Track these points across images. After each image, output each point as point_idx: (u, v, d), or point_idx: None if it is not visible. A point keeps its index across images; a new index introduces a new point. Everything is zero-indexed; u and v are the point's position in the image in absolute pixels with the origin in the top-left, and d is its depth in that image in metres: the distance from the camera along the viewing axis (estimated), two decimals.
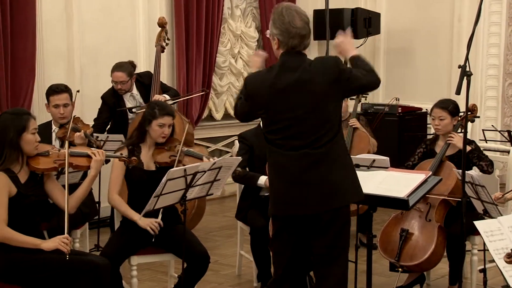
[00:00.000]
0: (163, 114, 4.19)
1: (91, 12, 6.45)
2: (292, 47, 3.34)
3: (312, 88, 3.29)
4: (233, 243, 5.64)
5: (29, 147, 3.59)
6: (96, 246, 5.47)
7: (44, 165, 3.64)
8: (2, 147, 3.53)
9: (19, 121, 3.56)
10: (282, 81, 3.33)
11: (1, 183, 3.47)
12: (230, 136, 7.78)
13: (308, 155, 3.29)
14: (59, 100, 4.85)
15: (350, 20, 8.09)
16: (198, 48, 7.18)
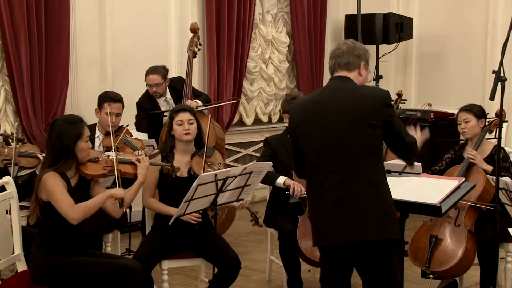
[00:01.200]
0: (177, 112, 4.22)
1: (124, 18, 6.53)
2: (331, 71, 3.40)
3: (352, 108, 3.26)
4: (263, 249, 5.64)
5: (82, 154, 3.66)
6: (127, 250, 5.52)
7: (94, 172, 3.71)
8: (57, 153, 3.59)
9: (75, 129, 3.62)
10: (322, 99, 3.35)
11: (56, 178, 3.54)
12: (260, 141, 7.76)
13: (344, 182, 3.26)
14: (113, 108, 4.93)
15: (382, 25, 8.04)
16: (229, 54, 7.21)
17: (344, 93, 3.32)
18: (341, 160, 3.27)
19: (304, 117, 3.39)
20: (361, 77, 3.40)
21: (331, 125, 3.29)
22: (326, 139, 3.30)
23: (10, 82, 5.78)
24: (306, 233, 4.41)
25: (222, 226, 5.77)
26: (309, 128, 3.37)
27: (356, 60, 3.38)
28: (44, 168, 3.61)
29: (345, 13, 8.30)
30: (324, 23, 8.25)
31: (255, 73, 7.77)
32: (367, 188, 3.26)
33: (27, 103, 5.81)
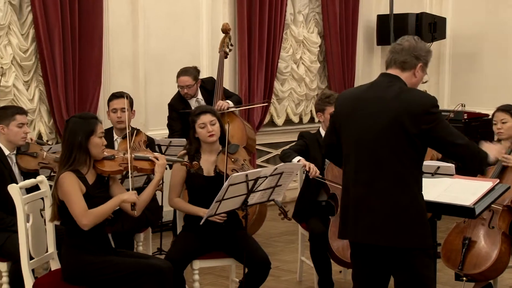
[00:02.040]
0: (198, 114, 4.23)
1: (156, 19, 6.57)
2: (386, 65, 3.35)
3: (394, 109, 3.19)
4: (294, 249, 5.63)
5: (97, 150, 3.69)
6: (158, 249, 5.56)
7: (110, 168, 3.74)
8: (71, 149, 3.63)
9: (87, 125, 3.67)
10: (367, 95, 3.32)
11: (72, 179, 3.58)
12: (291, 142, 7.71)
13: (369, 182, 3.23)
14: (117, 104, 4.97)
15: (414, 25, 7.98)
16: (260, 54, 7.22)
17: (388, 94, 3.24)
18: (373, 161, 3.24)
19: (345, 111, 3.37)
20: (415, 78, 3.31)
21: (368, 124, 3.25)
22: (361, 137, 3.28)
23: (45, 82, 5.86)
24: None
25: (252, 226, 5.77)
26: (347, 123, 3.34)
27: (414, 61, 3.28)
28: (60, 167, 3.65)
29: (377, 13, 8.25)
30: (356, 23, 8.21)
31: (286, 74, 7.76)
32: (393, 192, 3.20)
33: (60, 103, 5.88)
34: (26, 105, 5.74)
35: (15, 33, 5.73)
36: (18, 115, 4.30)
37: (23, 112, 4.38)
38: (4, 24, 5.64)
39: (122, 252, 3.80)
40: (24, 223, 3.65)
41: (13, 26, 5.72)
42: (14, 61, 5.75)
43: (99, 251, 3.64)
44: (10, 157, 4.33)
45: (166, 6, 6.66)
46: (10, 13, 5.70)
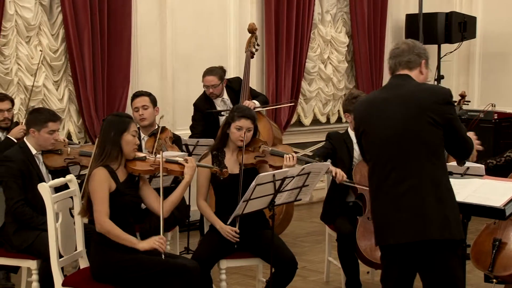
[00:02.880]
0: (240, 117, 4.23)
1: (184, 20, 6.61)
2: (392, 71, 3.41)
3: (413, 102, 3.25)
4: (321, 249, 5.62)
5: (129, 148, 3.74)
6: (186, 248, 5.58)
7: (141, 167, 3.79)
8: (104, 143, 3.71)
9: (122, 122, 3.76)
10: (384, 97, 3.35)
11: (102, 176, 3.63)
12: (318, 142, 7.74)
13: (405, 179, 3.24)
14: (138, 102, 5.02)
15: (444, 24, 7.90)
16: (287, 54, 7.21)
17: (405, 90, 3.31)
18: (402, 158, 3.25)
19: (366, 115, 3.40)
20: (422, 76, 3.39)
21: (392, 122, 3.28)
22: (387, 136, 3.29)
23: (74, 82, 5.92)
24: (366, 234, 4.37)
25: (279, 226, 5.77)
26: (371, 126, 3.36)
27: (417, 59, 3.37)
28: (93, 162, 3.72)
29: (406, 12, 8.18)
30: (384, 22, 8.16)
31: (314, 73, 7.74)
32: (428, 186, 3.22)
33: (89, 103, 5.94)
34: (56, 105, 5.82)
35: (46, 34, 5.80)
36: (51, 123, 4.32)
37: (56, 119, 4.38)
38: (34, 25, 5.72)
39: (149, 251, 3.82)
40: (54, 222, 3.70)
41: (43, 27, 5.80)
42: (44, 61, 5.83)
43: (127, 249, 3.66)
44: (37, 157, 4.37)
45: (194, 6, 6.69)
46: (41, 14, 5.77)
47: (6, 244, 4.21)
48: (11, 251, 4.19)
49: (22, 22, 5.65)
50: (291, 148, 4.49)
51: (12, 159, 4.22)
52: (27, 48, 5.71)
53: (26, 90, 5.69)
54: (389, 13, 8.20)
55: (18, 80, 5.68)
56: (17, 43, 5.66)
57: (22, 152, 4.29)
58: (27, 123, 4.36)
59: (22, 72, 5.69)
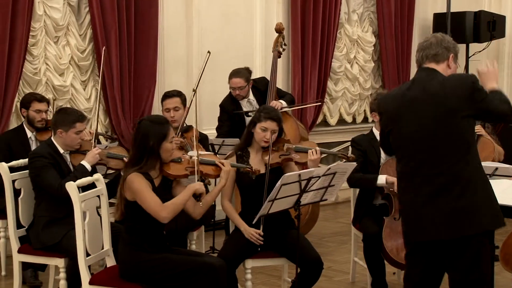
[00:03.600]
0: (266, 118, 4.23)
1: (210, 20, 6.62)
2: (419, 64, 3.37)
3: (442, 102, 3.23)
4: (347, 250, 5.60)
5: (167, 155, 3.72)
6: (211, 248, 5.60)
7: (176, 172, 3.78)
8: (142, 153, 3.66)
9: (160, 129, 3.68)
10: (411, 93, 3.32)
11: (141, 179, 3.62)
12: (344, 142, 7.73)
13: (436, 177, 3.22)
14: (170, 104, 5.05)
15: (472, 23, 7.82)
16: (313, 54, 7.20)
17: (432, 86, 3.28)
18: (432, 155, 3.24)
19: (394, 112, 3.37)
20: (449, 70, 3.35)
21: (421, 119, 3.26)
22: (417, 135, 3.28)
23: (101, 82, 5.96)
24: (392, 235, 4.35)
25: (305, 226, 5.76)
26: (399, 123, 3.34)
27: (445, 52, 3.33)
28: (129, 168, 3.68)
29: (434, 11, 8.12)
30: (411, 22, 8.10)
31: (340, 73, 7.72)
32: (459, 181, 3.21)
33: (116, 102, 5.99)
34: (83, 104, 5.87)
35: (73, 34, 5.86)
36: (78, 123, 4.36)
37: (83, 119, 4.42)
38: (63, 25, 5.78)
39: (176, 250, 3.84)
40: (81, 221, 3.73)
41: (71, 27, 5.86)
42: (72, 61, 5.89)
43: (155, 249, 3.69)
44: (65, 156, 4.42)
45: (220, 6, 6.71)
46: (69, 14, 5.83)
47: (34, 240, 4.26)
48: (39, 248, 4.24)
49: (51, 23, 5.71)
50: (315, 143, 4.47)
51: (42, 154, 4.28)
52: (55, 48, 5.78)
53: (54, 89, 5.76)
54: (416, 12, 8.14)
55: (46, 80, 5.74)
56: (46, 43, 5.73)
57: (50, 148, 4.35)
58: (54, 123, 4.41)
59: (50, 72, 5.76)
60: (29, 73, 5.62)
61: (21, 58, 5.47)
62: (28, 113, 5.14)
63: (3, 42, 5.36)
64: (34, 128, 5.16)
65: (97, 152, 4.39)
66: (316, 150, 4.25)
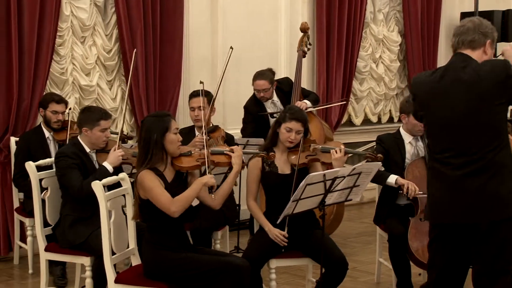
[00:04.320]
0: (291, 119, 4.22)
1: (235, 20, 6.63)
2: (454, 49, 3.33)
3: (475, 89, 3.20)
4: (372, 250, 5.57)
5: (173, 147, 3.75)
6: (236, 248, 5.60)
7: (188, 164, 3.79)
8: (147, 147, 3.70)
9: (162, 122, 3.73)
10: (444, 79, 3.29)
11: (152, 176, 3.65)
12: (369, 142, 7.69)
13: (467, 162, 3.21)
14: (195, 102, 5.07)
15: (500, 22, 7.73)
16: (338, 53, 7.17)
17: (466, 73, 3.23)
18: (463, 140, 3.22)
19: (427, 98, 3.35)
20: (486, 56, 3.29)
21: (453, 105, 3.23)
22: (449, 120, 3.26)
23: (127, 82, 6.00)
24: (418, 235, 4.32)
25: (330, 227, 5.75)
26: (431, 109, 3.33)
27: (482, 38, 3.28)
28: (138, 166, 3.72)
29: (461, 10, 8.05)
30: (438, 21, 8.04)
31: (365, 73, 7.68)
32: (489, 167, 3.19)
33: (142, 102, 6.03)
34: (109, 104, 5.92)
35: (100, 34, 5.91)
36: (103, 121, 4.41)
37: (108, 117, 4.47)
38: (89, 25, 5.83)
39: (201, 250, 3.86)
40: (107, 219, 3.76)
41: (98, 27, 5.91)
42: (98, 61, 5.94)
43: (179, 247, 3.70)
44: (91, 155, 4.46)
45: (245, 5, 6.71)
46: (95, 14, 5.88)
47: (61, 238, 4.30)
48: (65, 247, 4.28)
49: (78, 23, 5.76)
50: (341, 143, 4.45)
51: (67, 154, 4.32)
52: (82, 48, 5.83)
53: (81, 89, 5.81)
54: (443, 11, 8.07)
55: (73, 80, 5.80)
56: (72, 43, 5.78)
57: (76, 148, 4.39)
58: (80, 122, 4.45)
59: (77, 71, 5.81)
60: (56, 73, 5.67)
61: (48, 58, 5.53)
62: (45, 113, 5.18)
63: (31, 42, 5.42)
64: (51, 129, 5.21)
65: (120, 153, 4.42)
66: (341, 149, 4.23)
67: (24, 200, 5.25)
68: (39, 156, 4.81)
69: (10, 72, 5.37)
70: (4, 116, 5.40)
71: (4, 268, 5.41)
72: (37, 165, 4.40)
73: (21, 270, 5.35)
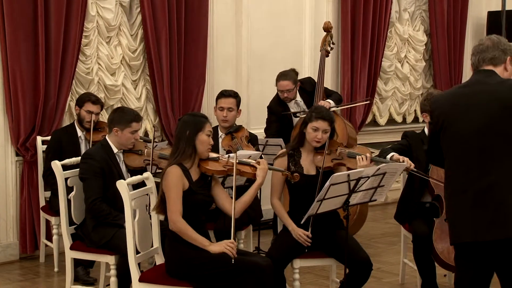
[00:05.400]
0: (317, 118, 4.22)
1: (259, 19, 6.64)
2: (475, 67, 3.32)
3: (500, 100, 3.18)
4: (396, 251, 5.54)
5: (203, 147, 3.79)
6: (256, 248, 5.57)
7: (214, 167, 3.83)
8: (179, 141, 3.79)
9: (197, 121, 3.82)
10: (466, 91, 3.28)
11: (177, 175, 3.70)
12: (393, 142, 7.58)
13: (487, 177, 3.16)
14: (225, 103, 5.07)
15: None
16: (363, 53, 7.14)
17: (490, 85, 3.22)
18: (484, 155, 3.18)
19: (449, 110, 3.31)
20: (506, 72, 3.29)
21: (478, 117, 3.20)
22: (469, 132, 3.22)
23: (151, 81, 6.05)
24: (443, 236, 4.28)
25: (353, 227, 5.72)
26: (454, 121, 3.28)
27: (502, 55, 3.28)
28: (169, 160, 3.79)
29: (488, 9, 7.96)
30: (464, 20, 7.97)
31: (390, 72, 7.64)
32: (510, 182, 3.14)
33: (166, 102, 6.06)
34: (134, 104, 5.96)
35: (125, 34, 5.95)
36: (135, 123, 4.46)
37: (139, 120, 4.53)
38: (115, 25, 5.87)
39: None
40: (131, 219, 3.79)
41: (123, 27, 5.95)
42: (123, 61, 5.98)
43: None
44: (118, 155, 4.50)
45: (269, 5, 6.71)
46: (121, 15, 5.92)
47: (86, 239, 4.34)
48: (90, 246, 4.32)
49: (103, 23, 5.81)
50: (368, 149, 4.43)
51: (94, 157, 4.35)
52: (107, 48, 5.87)
53: (106, 89, 5.85)
54: (469, 10, 8.00)
55: (98, 80, 5.85)
56: (98, 43, 5.83)
57: (103, 150, 4.42)
58: (111, 121, 4.48)
59: (102, 71, 5.86)
60: (81, 72, 5.72)
61: (74, 58, 5.59)
62: (80, 112, 5.24)
63: (57, 42, 5.48)
64: (83, 128, 5.26)
65: None
66: (367, 156, 4.21)
67: (51, 199, 5.31)
68: (69, 155, 4.85)
69: (37, 72, 5.44)
70: (31, 116, 5.46)
71: (30, 266, 5.48)
72: (63, 164, 4.45)
73: (47, 268, 5.42)
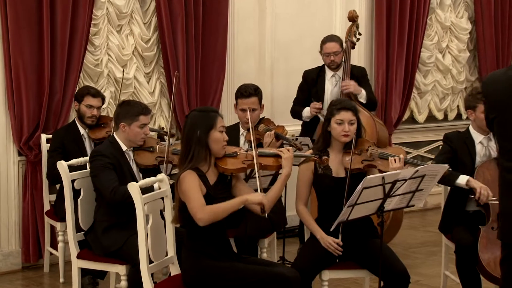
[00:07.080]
0: (339, 109, 4.20)
1: (285, 5, 6.63)
2: None
3: None
4: (437, 262, 5.51)
5: (217, 146, 3.76)
6: (281, 258, 5.55)
7: (232, 166, 3.79)
8: (189, 145, 3.73)
9: (207, 118, 3.75)
10: None
11: (193, 177, 3.67)
12: (434, 141, 7.61)
13: None
14: (246, 104, 5.02)
15: None
16: (400, 43, 7.11)
17: None
18: None
19: (499, 98, 3.29)
20: None
21: None
22: None
23: (166, 74, 6.05)
24: (489, 246, 4.24)
25: (387, 234, 5.69)
26: (505, 110, 3.25)
27: None
28: (180, 166, 3.74)
29: None
30: None
31: (430, 64, 7.59)
32: None
33: (182, 96, 6.06)
34: (147, 99, 5.97)
35: (137, 22, 5.96)
36: (142, 116, 4.46)
37: (147, 112, 4.52)
38: (126, 13, 5.88)
39: (245, 258, 3.86)
40: (144, 224, 3.79)
41: (135, 15, 5.96)
42: (136, 52, 5.99)
43: (221, 256, 3.71)
44: (128, 153, 4.51)
45: None
46: (133, 1, 5.92)
47: (94, 245, 4.35)
48: (99, 254, 4.33)
49: (114, 10, 5.83)
50: (403, 150, 4.39)
51: (104, 153, 4.37)
52: (118, 38, 5.89)
53: (117, 82, 5.86)
54: None
55: (108, 72, 5.87)
56: (108, 33, 5.85)
57: (112, 147, 4.44)
58: (117, 117, 4.50)
59: (112, 63, 5.87)
60: (90, 64, 5.75)
61: (82, 48, 5.61)
62: (80, 107, 5.26)
63: (63, 31, 5.50)
64: (85, 125, 5.28)
65: None
66: (400, 158, 4.17)
67: (56, 202, 5.32)
68: (74, 156, 4.88)
69: (41, 64, 5.47)
70: (35, 112, 5.50)
71: (33, 276, 5.51)
72: (70, 165, 4.47)
73: (52, 278, 5.45)
